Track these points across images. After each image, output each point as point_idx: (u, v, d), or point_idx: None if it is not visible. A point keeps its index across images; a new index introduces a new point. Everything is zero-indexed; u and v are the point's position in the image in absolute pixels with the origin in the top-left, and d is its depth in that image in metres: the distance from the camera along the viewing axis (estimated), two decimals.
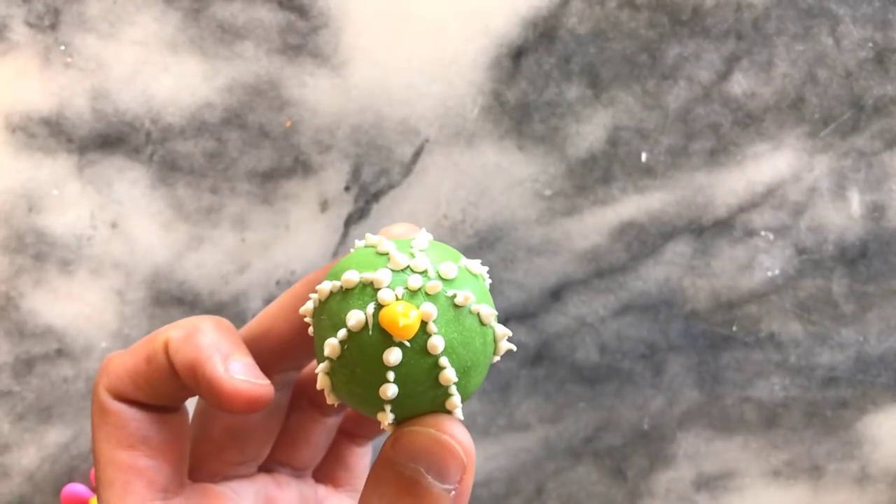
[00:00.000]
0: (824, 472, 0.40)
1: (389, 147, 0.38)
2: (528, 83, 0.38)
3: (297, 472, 0.28)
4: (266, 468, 0.27)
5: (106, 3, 0.38)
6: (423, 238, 0.21)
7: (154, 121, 0.38)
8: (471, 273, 0.21)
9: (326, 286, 0.20)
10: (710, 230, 0.39)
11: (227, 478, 0.26)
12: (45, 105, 0.38)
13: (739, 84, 0.39)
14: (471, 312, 0.20)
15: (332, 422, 0.28)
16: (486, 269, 0.22)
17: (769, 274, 0.39)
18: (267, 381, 0.22)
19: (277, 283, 0.38)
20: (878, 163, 0.39)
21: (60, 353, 0.38)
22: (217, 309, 0.38)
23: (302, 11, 0.38)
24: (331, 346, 0.20)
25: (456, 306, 0.20)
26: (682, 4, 0.38)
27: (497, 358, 0.21)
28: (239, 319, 0.38)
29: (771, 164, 0.39)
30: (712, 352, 0.39)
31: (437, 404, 0.20)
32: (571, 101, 0.38)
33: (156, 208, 0.38)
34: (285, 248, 0.38)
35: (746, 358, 0.39)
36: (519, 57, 0.38)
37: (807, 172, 0.39)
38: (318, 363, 0.20)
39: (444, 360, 0.19)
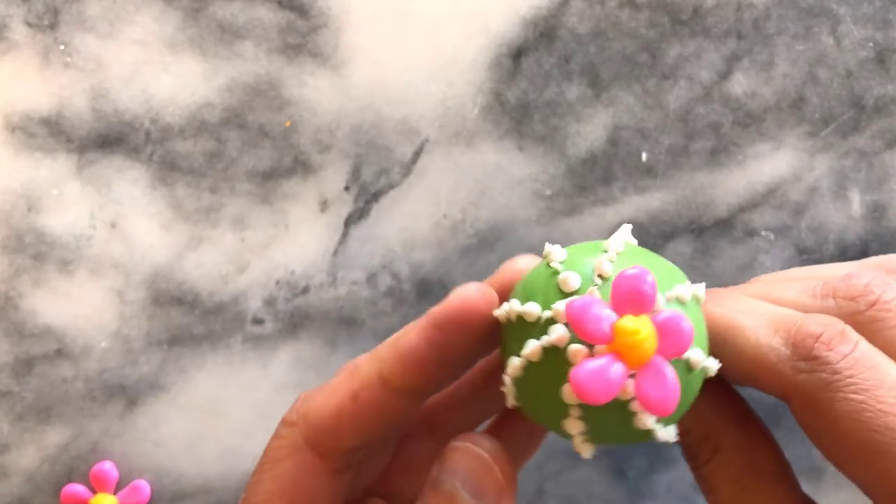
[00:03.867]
0: (824, 472, 0.40)
1: (389, 147, 0.38)
2: (528, 83, 0.38)
3: (410, 501, 0.29)
4: (386, 497, 0.27)
5: (105, 3, 0.37)
6: (618, 240, 0.21)
7: (153, 120, 0.38)
8: (679, 304, 0.20)
9: (516, 309, 0.20)
10: (710, 230, 0.39)
11: None
12: (45, 105, 0.37)
13: (740, 84, 0.39)
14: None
15: None
16: (699, 286, 0.20)
17: None
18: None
19: (277, 282, 0.38)
20: (879, 163, 0.39)
21: (60, 353, 0.38)
22: (217, 309, 0.38)
23: (302, 11, 0.38)
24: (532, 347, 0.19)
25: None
26: (683, 4, 0.38)
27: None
28: (238, 320, 0.38)
29: (771, 163, 0.39)
30: None
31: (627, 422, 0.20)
32: (571, 101, 0.38)
33: (155, 208, 0.38)
34: (285, 248, 0.38)
35: None
36: (519, 57, 0.38)
37: (807, 172, 0.39)
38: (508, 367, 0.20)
39: None
